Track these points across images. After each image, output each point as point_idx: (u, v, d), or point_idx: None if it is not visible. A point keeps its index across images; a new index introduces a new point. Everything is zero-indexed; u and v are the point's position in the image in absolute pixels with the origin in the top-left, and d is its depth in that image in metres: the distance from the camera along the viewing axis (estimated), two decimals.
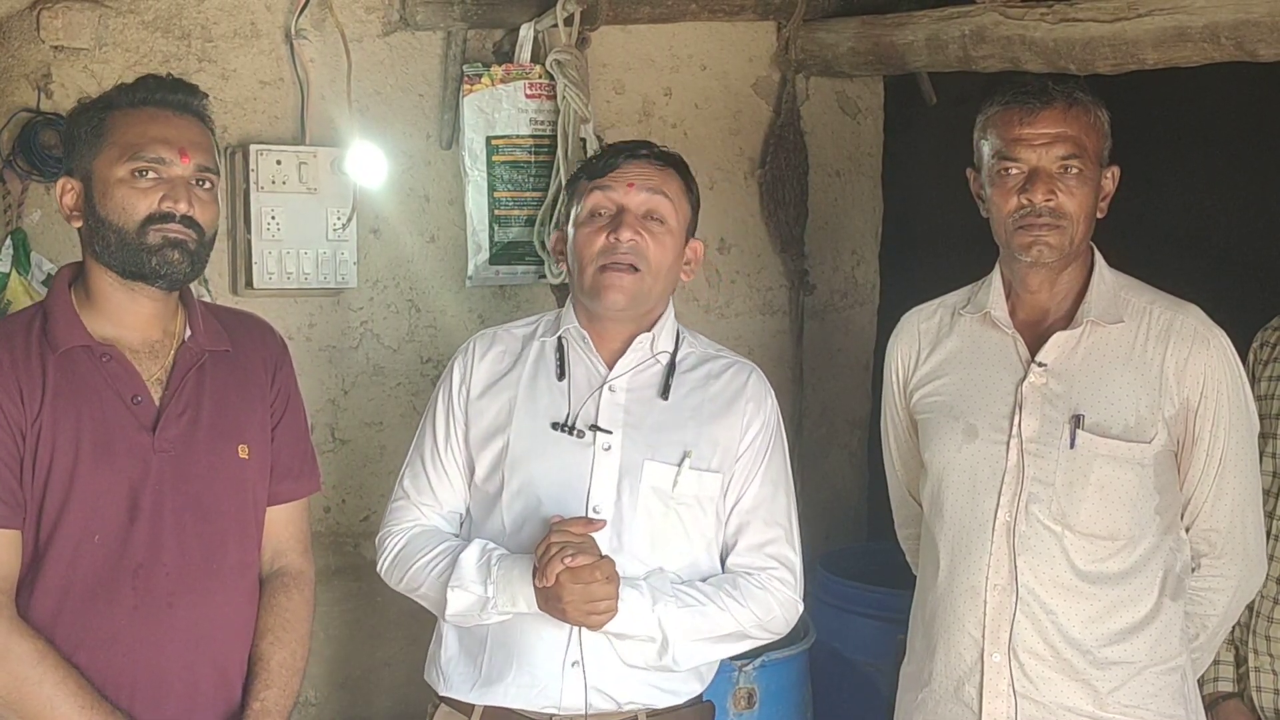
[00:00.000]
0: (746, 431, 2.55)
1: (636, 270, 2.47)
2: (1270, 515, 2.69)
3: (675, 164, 2.59)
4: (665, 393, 2.52)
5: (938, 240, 4.91)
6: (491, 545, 2.46)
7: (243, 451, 2.35)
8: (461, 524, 2.61)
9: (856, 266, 4.31)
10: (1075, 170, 2.47)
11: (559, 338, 2.57)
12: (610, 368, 2.54)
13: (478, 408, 2.57)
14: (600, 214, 2.50)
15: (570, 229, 2.57)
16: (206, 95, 2.37)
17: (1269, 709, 2.79)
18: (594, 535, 2.38)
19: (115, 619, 2.24)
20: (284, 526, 2.46)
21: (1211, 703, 2.77)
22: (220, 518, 2.33)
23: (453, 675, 2.53)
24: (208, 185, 2.30)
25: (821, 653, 3.52)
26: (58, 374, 2.22)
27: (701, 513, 2.51)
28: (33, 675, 2.16)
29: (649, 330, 2.55)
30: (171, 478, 2.27)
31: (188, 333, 2.35)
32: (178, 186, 2.24)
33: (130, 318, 2.30)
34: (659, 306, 2.57)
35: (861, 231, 4.31)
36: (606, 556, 2.34)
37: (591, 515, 2.46)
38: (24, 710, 2.17)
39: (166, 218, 2.23)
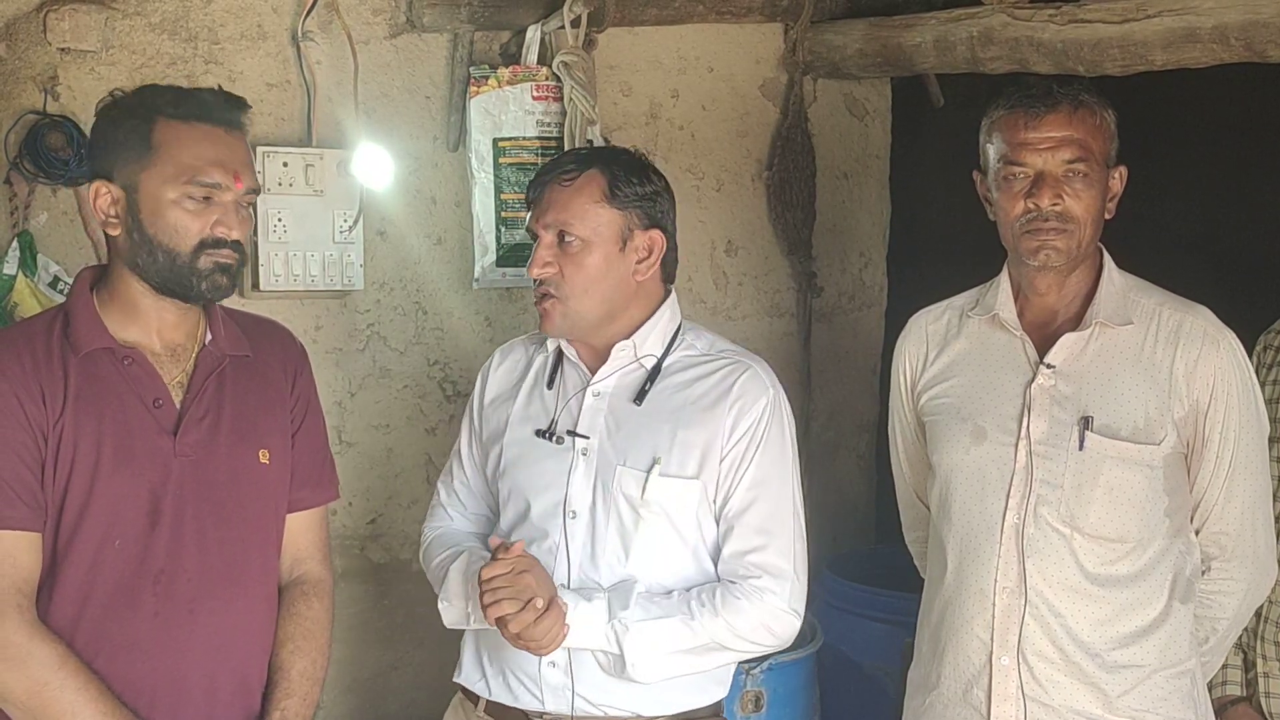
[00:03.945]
0: (730, 434, 2.45)
1: (553, 297, 2.47)
2: (1277, 518, 2.67)
3: (594, 163, 2.50)
4: (639, 398, 2.50)
5: (945, 242, 4.90)
6: (479, 557, 2.48)
7: (263, 456, 2.34)
8: (489, 524, 2.68)
9: (864, 269, 4.30)
10: (1081, 173, 2.46)
11: (559, 348, 2.59)
12: (593, 372, 2.54)
13: (487, 416, 2.66)
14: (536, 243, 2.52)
15: None
16: (250, 107, 2.34)
17: (1278, 715, 2.77)
18: (571, 534, 2.43)
19: (136, 625, 2.22)
20: (303, 534, 2.45)
21: (1221, 707, 2.76)
22: (242, 524, 2.32)
23: (466, 665, 2.59)
24: (249, 205, 2.30)
25: (829, 656, 3.52)
26: (79, 377, 2.21)
27: (677, 521, 2.45)
28: (54, 680, 2.15)
29: (628, 337, 2.52)
30: (193, 483, 2.26)
31: (208, 336, 2.34)
32: (230, 211, 2.24)
33: (155, 323, 2.30)
34: (631, 313, 2.52)
35: (869, 233, 4.31)
36: (543, 587, 2.33)
37: (569, 518, 2.47)
38: (44, 716, 2.15)
39: (219, 244, 2.24)
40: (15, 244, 2.90)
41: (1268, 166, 4.89)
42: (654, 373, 2.52)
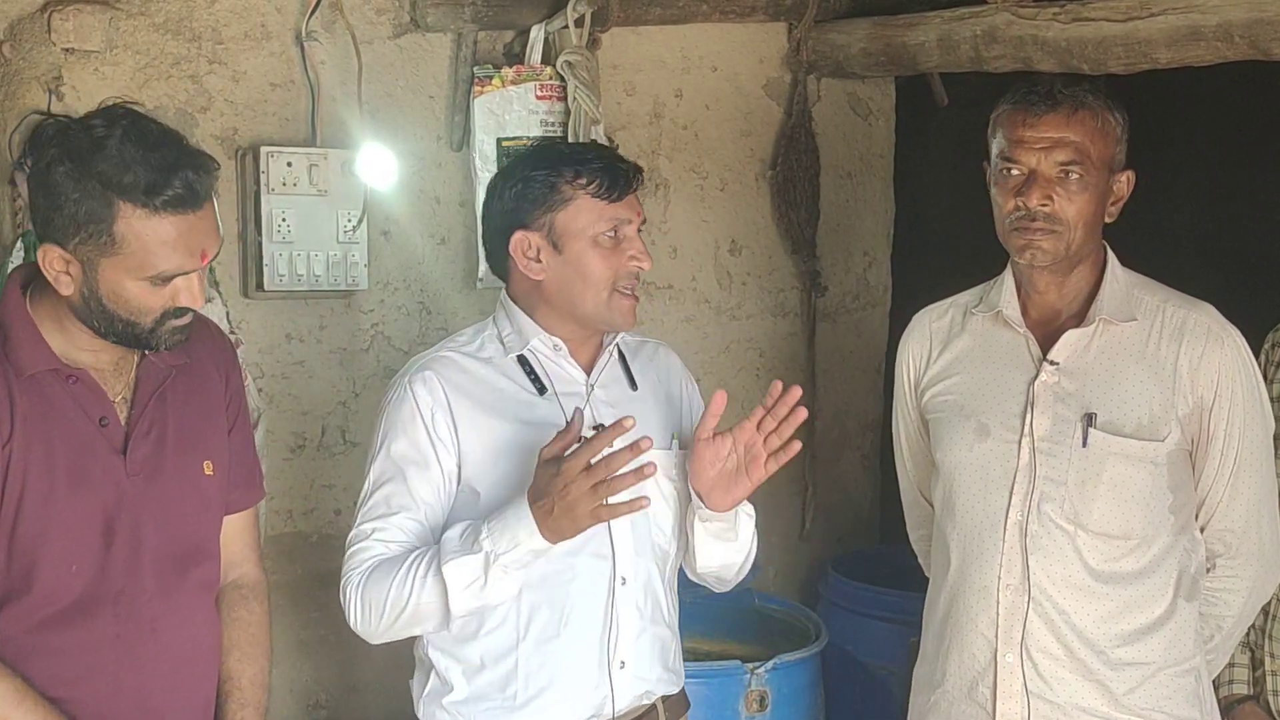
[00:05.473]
0: (692, 405, 2.64)
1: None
2: None
3: None
4: (633, 383, 2.55)
5: (949, 242, 4.90)
6: (469, 520, 2.33)
7: (207, 468, 2.28)
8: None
9: (868, 268, 4.30)
10: (1075, 176, 2.44)
11: (524, 353, 2.48)
12: (587, 371, 2.52)
13: (471, 434, 2.43)
14: (610, 236, 2.42)
15: (574, 244, 2.43)
16: (219, 166, 2.15)
17: None
18: (615, 526, 2.42)
19: (98, 649, 2.15)
20: (238, 536, 2.39)
21: (1228, 706, 2.75)
22: (192, 536, 2.26)
23: (471, 712, 2.46)
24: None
25: (834, 655, 3.52)
26: (25, 398, 2.11)
27: (685, 488, 2.53)
28: (15, 716, 2.07)
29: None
30: (145, 500, 2.19)
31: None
32: (193, 284, 2.12)
33: (94, 344, 2.18)
34: None
35: (873, 233, 4.31)
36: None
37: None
38: None
39: (181, 313, 2.14)
40: (20, 243, 2.90)
41: (1272, 165, 4.88)
42: (622, 357, 2.57)
